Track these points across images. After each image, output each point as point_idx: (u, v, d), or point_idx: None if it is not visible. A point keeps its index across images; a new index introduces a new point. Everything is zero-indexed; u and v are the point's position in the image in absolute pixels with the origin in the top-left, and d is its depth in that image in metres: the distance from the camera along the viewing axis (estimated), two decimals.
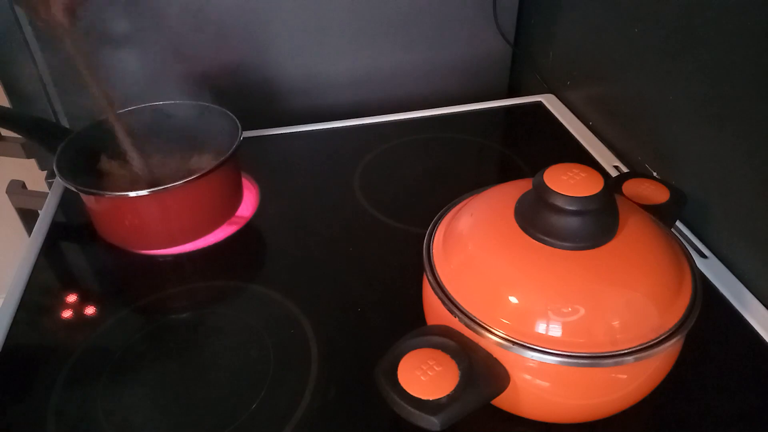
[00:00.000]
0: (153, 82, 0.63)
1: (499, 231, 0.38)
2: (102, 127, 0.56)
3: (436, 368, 0.34)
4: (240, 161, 0.61)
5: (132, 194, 0.51)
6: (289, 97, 0.78)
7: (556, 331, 0.34)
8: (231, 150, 0.55)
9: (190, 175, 0.52)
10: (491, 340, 0.35)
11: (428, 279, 0.39)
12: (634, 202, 0.44)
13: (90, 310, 0.50)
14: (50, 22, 0.47)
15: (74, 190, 0.51)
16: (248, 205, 0.62)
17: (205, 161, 0.59)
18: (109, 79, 0.56)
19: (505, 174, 0.69)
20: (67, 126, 0.71)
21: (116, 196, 0.51)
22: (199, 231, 0.56)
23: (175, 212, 0.54)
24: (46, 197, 0.63)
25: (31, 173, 0.74)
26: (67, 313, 0.49)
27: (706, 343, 0.45)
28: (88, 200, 0.54)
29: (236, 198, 0.60)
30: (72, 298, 0.51)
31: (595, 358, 0.34)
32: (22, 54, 0.66)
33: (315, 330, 0.47)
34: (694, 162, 0.56)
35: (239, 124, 0.58)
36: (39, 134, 0.56)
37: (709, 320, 0.37)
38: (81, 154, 0.56)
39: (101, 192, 0.52)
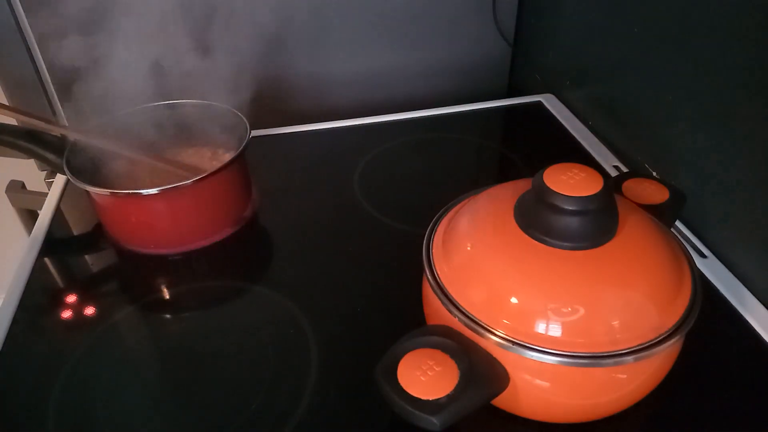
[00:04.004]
0: (162, 81, 0.63)
1: (498, 231, 0.38)
2: (106, 128, 0.57)
3: (436, 368, 0.34)
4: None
5: (143, 192, 0.51)
6: (288, 97, 0.78)
7: (555, 331, 0.34)
8: (240, 148, 0.55)
9: (200, 174, 0.52)
10: (491, 341, 0.35)
11: (428, 279, 0.39)
12: (634, 202, 0.44)
13: (89, 310, 0.49)
14: None
15: (87, 189, 0.51)
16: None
17: (214, 159, 0.59)
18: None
19: (504, 174, 0.69)
20: (66, 125, 0.71)
21: (129, 194, 0.51)
22: (210, 230, 0.56)
23: (185, 211, 0.54)
24: (45, 197, 0.63)
25: (30, 173, 0.74)
26: (66, 313, 0.49)
27: (706, 343, 0.45)
28: (101, 200, 0.54)
29: (245, 197, 0.60)
30: (72, 298, 0.51)
31: (595, 358, 0.34)
32: (22, 54, 0.66)
33: (315, 330, 0.47)
34: (693, 162, 0.56)
35: (247, 123, 0.58)
36: (35, 145, 0.56)
37: (709, 320, 0.37)
38: (87, 154, 0.56)
39: (115, 191, 0.52)
